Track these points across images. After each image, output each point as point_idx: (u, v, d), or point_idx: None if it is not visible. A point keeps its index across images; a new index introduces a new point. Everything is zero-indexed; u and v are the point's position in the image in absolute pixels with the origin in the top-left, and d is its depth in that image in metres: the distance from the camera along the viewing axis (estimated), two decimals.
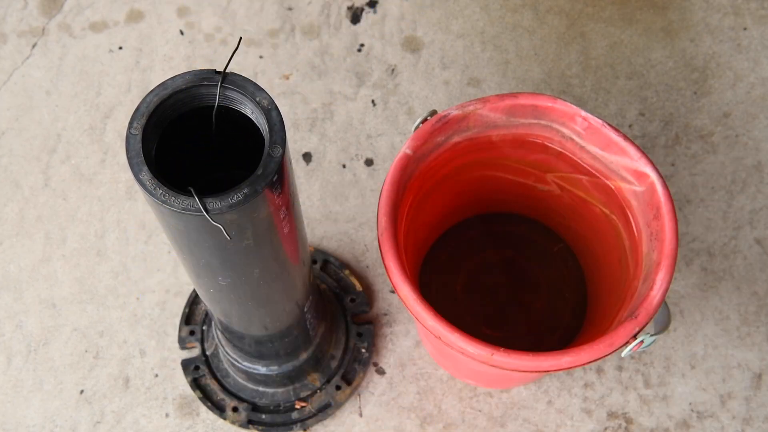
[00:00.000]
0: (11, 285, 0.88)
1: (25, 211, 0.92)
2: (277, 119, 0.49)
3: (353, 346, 0.84)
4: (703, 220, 0.90)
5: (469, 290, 0.87)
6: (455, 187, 0.80)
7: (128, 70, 0.98)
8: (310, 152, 0.94)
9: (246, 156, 0.55)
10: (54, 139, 0.95)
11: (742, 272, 0.88)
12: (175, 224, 0.50)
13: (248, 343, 0.72)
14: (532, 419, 0.83)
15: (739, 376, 0.84)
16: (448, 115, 0.69)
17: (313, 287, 0.72)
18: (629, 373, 0.84)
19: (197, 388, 0.83)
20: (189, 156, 0.54)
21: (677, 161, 0.93)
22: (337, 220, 0.91)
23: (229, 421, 0.81)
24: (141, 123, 0.48)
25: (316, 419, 0.82)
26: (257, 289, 0.60)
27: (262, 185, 0.47)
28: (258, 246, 0.53)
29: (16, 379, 0.85)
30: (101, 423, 0.83)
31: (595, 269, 0.83)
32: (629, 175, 0.69)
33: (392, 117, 0.96)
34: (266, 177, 0.48)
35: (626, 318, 0.63)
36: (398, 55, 0.99)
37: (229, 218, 0.48)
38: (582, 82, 0.97)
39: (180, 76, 0.50)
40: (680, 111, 0.96)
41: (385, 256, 0.65)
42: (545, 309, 0.86)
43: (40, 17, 1.01)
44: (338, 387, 0.82)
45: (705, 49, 0.99)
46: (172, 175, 0.50)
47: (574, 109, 0.69)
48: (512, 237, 0.89)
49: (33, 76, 0.98)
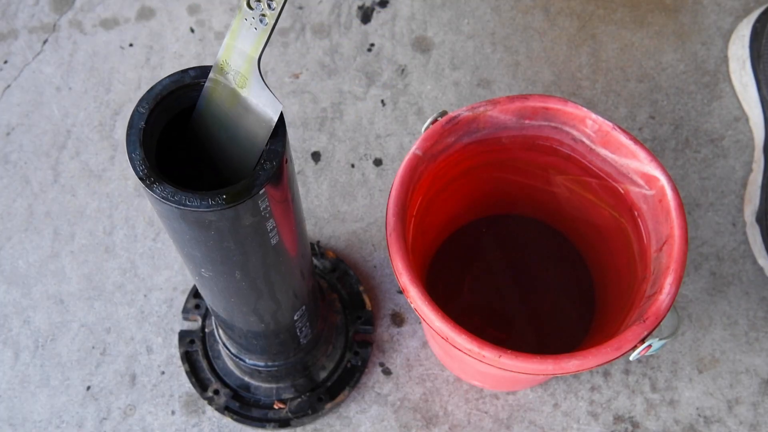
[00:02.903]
0: (19, 281, 0.89)
1: (34, 206, 0.92)
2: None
3: (347, 362, 0.84)
4: (712, 225, 0.90)
5: (476, 292, 0.87)
6: (464, 188, 0.80)
7: (138, 67, 0.98)
8: (319, 151, 0.94)
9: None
10: (64, 135, 0.95)
11: (751, 277, 0.88)
12: (159, 210, 0.49)
13: (237, 334, 0.71)
14: (538, 422, 0.83)
15: (747, 381, 0.84)
16: (458, 116, 0.69)
17: (312, 296, 0.71)
18: (636, 377, 0.84)
19: (187, 362, 0.83)
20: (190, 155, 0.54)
21: (687, 165, 0.93)
22: (345, 219, 0.91)
23: (206, 401, 0.82)
24: (150, 104, 0.48)
25: (293, 423, 0.81)
26: (239, 291, 0.59)
27: (250, 193, 0.47)
28: (242, 253, 0.53)
29: (23, 375, 0.85)
30: (107, 419, 0.83)
31: (604, 272, 0.83)
32: (639, 178, 0.69)
33: (402, 117, 0.96)
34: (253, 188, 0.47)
35: (634, 322, 0.63)
36: (408, 55, 0.99)
37: (209, 219, 0.48)
38: (592, 85, 0.97)
39: (200, 68, 0.50)
40: (691, 114, 0.95)
41: (393, 257, 0.64)
42: (553, 311, 0.86)
43: (51, 13, 1.02)
44: (320, 399, 0.82)
45: (717, 53, 0.98)
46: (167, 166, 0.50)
47: (585, 111, 0.69)
48: (520, 239, 0.88)
49: (43, 72, 0.99)
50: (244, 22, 0.47)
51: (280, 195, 0.51)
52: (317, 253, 0.87)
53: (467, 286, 0.87)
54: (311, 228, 0.91)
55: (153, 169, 0.47)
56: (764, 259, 0.86)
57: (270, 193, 0.49)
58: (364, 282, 0.88)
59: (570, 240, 0.87)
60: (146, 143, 0.48)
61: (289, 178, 0.52)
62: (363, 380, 0.84)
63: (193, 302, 0.86)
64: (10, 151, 0.94)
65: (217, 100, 0.50)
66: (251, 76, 0.48)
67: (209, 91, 0.50)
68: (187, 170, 0.52)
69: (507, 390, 0.84)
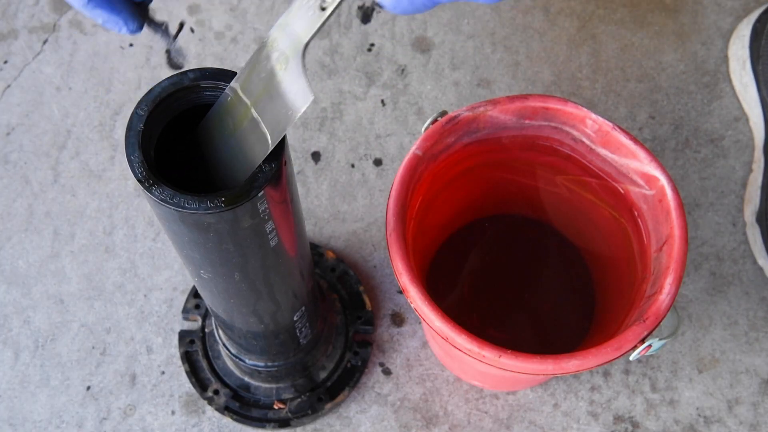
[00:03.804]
0: (20, 281, 0.89)
1: (34, 206, 0.92)
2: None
3: (347, 362, 0.84)
4: (712, 224, 0.90)
5: (476, 292, 0.87)
6: (464, 188, 0.80)
7: (138, 67, 0.98)
8: (319, 151, 0.94)
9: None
10: (64, 135, 0.95)
11: (751, 277, 0.88)
12: (157, 212, 0.49)
13: (237, 335, 0.71)
14: (538, 422, 0.83)
15: (747, 381, 0.84)
16: (458, 116, 0.69)
17: (312, 296, 0.71)
18: (636, 377, 0.84)
19: (187, 362, 0.83)
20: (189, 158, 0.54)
21: (687, 165, 0.93)
22: (345, 219, 0.91)
23: (206, 401, 0.82)
24: (149, 106, 0.48)
25: (293, 423, 0.81)
26: (238, 292, 0.59)
27: (249, 195, 0.47)
28: (241, 254, 0.53)
29: (23, 375, 0.85)
30: (107, 419, 0.83)
31: (604, 272, 0.83)
32: (639, 178, 0.69)
33: (402, 117, 0.95)
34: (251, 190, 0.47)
35: (634, 322, 0.63)
36: (408, 55, 0.99)
37: (208, 221, 0.48)
38: (592, 85, 0.97)
39: (199, 69, 0.50)
40: (691, 114, 0.95)
41: (393, 257, 0.64)
42: (552, 312, 0.86)
43: (51, 13, 1.02)
44: (320, 399, 0.82)
45: (716, 53, 0.98)
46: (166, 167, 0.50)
47: (585, 111, 0.69)
48: (520, 239, 0.88)
49: (43, 72, 0.99)
50: (304, 4, 0.47)
51: (279, 196, 0.51)
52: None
53: (467, 287, 0.87)
54: (311, 228, 0.91)
55: (152, 171, 0.47)
56: (764, 259, 0.86)
57: (269, 194, 0.49)
58: (364, 282, 0.88)
59: (570, 240, 0.87)
60: (145, 145, 0.48)
61: (288, 180, 0.52)
62: (363, 380, 0.84)
63: (193, 302, 0.86)
64: (10, 151, 0.94)
65: (231, 109, 0.49)
66: (293, 58, 0.48)
67: (226, 100, 0.49)
68: (185, 172, 0.52)
69: (507, 390, 0.84)
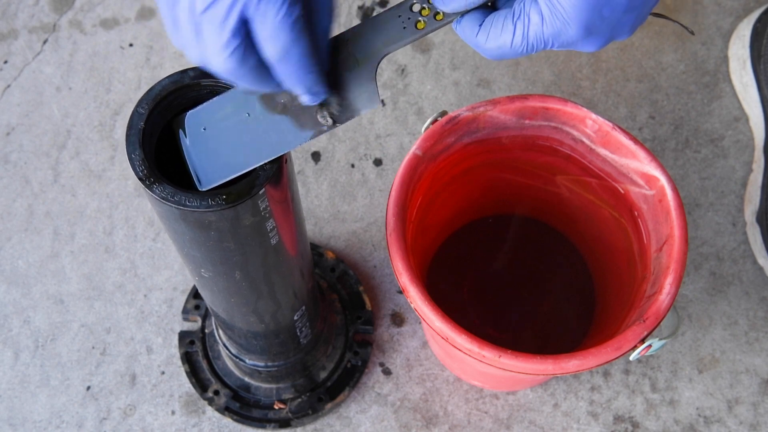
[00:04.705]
0: (19, 280, 0.89)
1: (34, 206, 0.92)
2: None
3: (347, 362, 0.84)
4: (712, 224, 0.90)
5: (476, 292, 0.87)
6: (464, 188, 0.80)
7: (138, 67, 0.98)
8: (319, 151, 0.94)
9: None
10: (64, 135, 0.95)
11: (751, 277, 0.88)
12: (158, 211, 0.49)
13: (237, 334, 0.71)
14: (538, 422, 0.83)
15: (747, 381, 0.84)
16: (458, 116, 0.69)
17: (312, 296, 0.71)
18: (636, 377, 0.84)
19: (187, 362, 0.83)
20: None
21: (687, 165, 0.93)
22: (345, 219, 0.91)
23: (206, 401, 0.82)
24: (150, 104, 0.48)
25: (293, 423, 0.81)
26: (239, 291, 0.59)
27: (250, 193, 0.47)
28: (242, 253, 0.53)
29: (23, 375, 0.85)
30: (107, 419, 0.83)
31: (603, 272, 0.83)
32: (639, 178, 0.69)
33: (402, 117, 0.96)
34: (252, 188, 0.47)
35: (634, 322, 0.63)
36: (408, 55, 0.99)
37: (209, 219, 0.48)
38: (592, 85, 0.97)
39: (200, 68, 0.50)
40: (691, 115, 0.95)
41: (393, 257, 0.64)
42: (552, 312, 0.86)
43: (51, 13, 1.02)
44: (320, 399, 0.82)
45: (716, 53, 0.98)
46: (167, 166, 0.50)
47: (585, 111, 0.69)
48: (520, 239, 0.88)
49: (43, 72, 0.99)
50: (396, 19, 0.45)
51: (279, 195, 0.51)
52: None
53: (467, 286, 0.87)
54: (311, 228, 0.91)
55: (153, 170, 0.47)
56: (764, 259, 0.86)
57: (270, 193, 0.49)
58: (364, 282, 0.88)
59: (570, 240, 0.87)
60: (146, 144, 0.48)
61: (289, 179, 0.53)
62: (363, 380, 0.84)
63: (193, 302, 0.86)
64: (10, 151, 0.94)
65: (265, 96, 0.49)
66: (366, 65, 0.46)
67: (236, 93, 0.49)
68: (186, 170, 0.52)
69: (507, 390, 0.84)
